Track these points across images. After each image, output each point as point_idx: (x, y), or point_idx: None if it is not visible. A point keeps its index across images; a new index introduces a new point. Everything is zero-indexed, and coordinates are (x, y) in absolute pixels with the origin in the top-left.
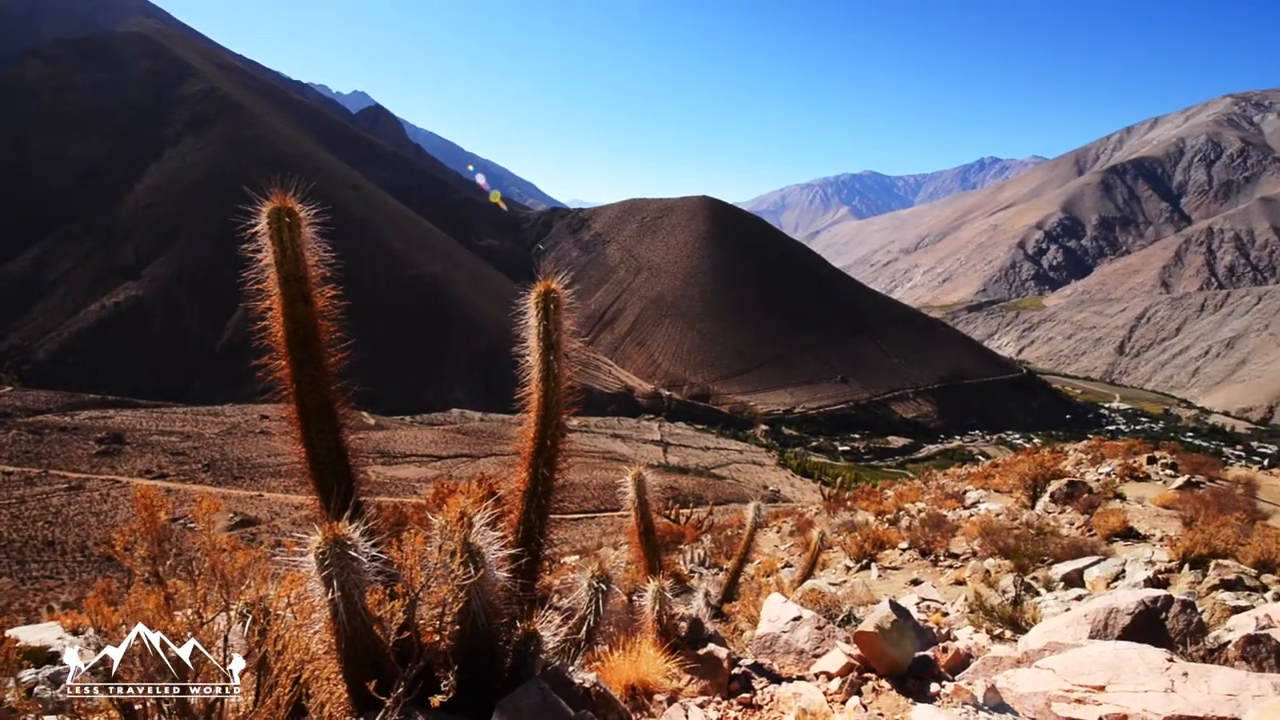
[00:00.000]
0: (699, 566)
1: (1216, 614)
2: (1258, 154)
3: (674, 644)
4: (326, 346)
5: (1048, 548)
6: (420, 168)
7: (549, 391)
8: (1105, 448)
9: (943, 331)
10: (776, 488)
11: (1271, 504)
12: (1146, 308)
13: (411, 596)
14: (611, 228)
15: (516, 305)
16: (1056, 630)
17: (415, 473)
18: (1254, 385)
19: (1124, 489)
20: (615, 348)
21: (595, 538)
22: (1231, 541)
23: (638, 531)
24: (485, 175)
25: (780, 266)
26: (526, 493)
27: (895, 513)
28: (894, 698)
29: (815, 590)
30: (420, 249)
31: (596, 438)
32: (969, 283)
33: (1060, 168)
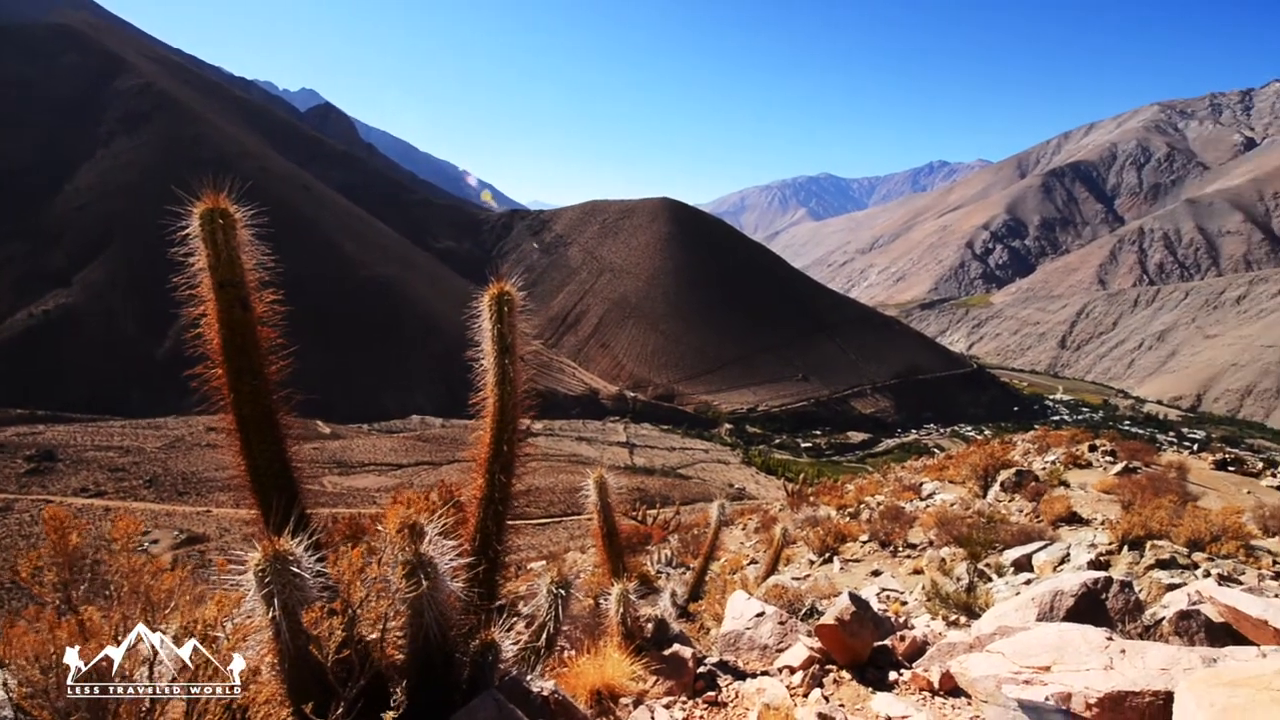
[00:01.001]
0: (666, 566)
1: (1153, 592)
2: (1182, 158)
3: (639, 646)
4: (267, 354)
5: (998, 535)
6: (373, 167)
7: (505, 395)
8: (1050, 437)
9: (898, 329)
10: (742, 486)
11: (1201, 486)
12: (1085, 304)
13: (350, 613)
14: (573, 229)
15: (470, 308)
16: (1006, 614)
17: (374, 482)
18: (1183, 375)
19: (1068, 476)
20: (579, 350)
21: (562, 542)
22: (1166, 523)
23: (601, 534)
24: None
25: (741, 267)
26: (483, 500)
27: (856, 506)
28: (854, 688)
29: (779, 586)
30: (374, 251)
31: (561, 441)
32: (921, 282)
33: (1004, 170)
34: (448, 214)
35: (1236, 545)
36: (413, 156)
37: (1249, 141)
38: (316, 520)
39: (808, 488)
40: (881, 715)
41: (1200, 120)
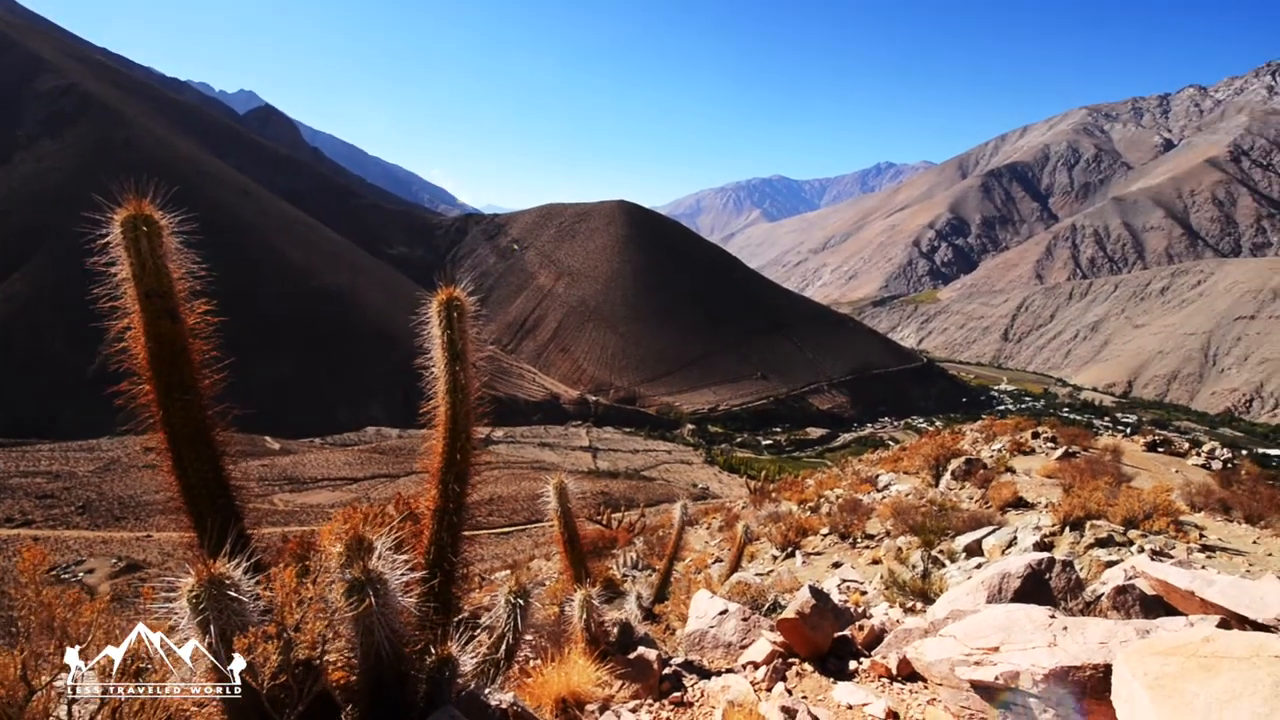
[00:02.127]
0: (632, 569)
1: (1093, 570)
2: (1109, 159)
3: (604, 651)
4: (199, 367)
5: (950, 522)
6: (319, 172)
7: (456, 404)
8: (996, 426)
9: (852, 327)
10: (705, 485)
11: (1134, 467)
12: (1025, 298)
13: (285, 637)
14: (529, 233)
15: (418, 315)
16: (959, 598)
17: (329, 498)
18: (1115, 363)
19: (1014, 462)
20: (539, 355)
21: (527, 550)
22: (1103, 503)
23: (563, 540)
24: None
25: (699, 268)
26: (437, 511)
27: (816, 501)
28: (816, 679)
29: (742, 582)
30: (323, 258)
31: (523, 448)
32: (872, 280)
33: (947, 171)
34: (400, 219)
35: (1167, 521)
36: (361, 160)
37: (1168, 143)
38: (266, 540)
39: (769, 484)
40: (842, 704)
41: (1124, 123)
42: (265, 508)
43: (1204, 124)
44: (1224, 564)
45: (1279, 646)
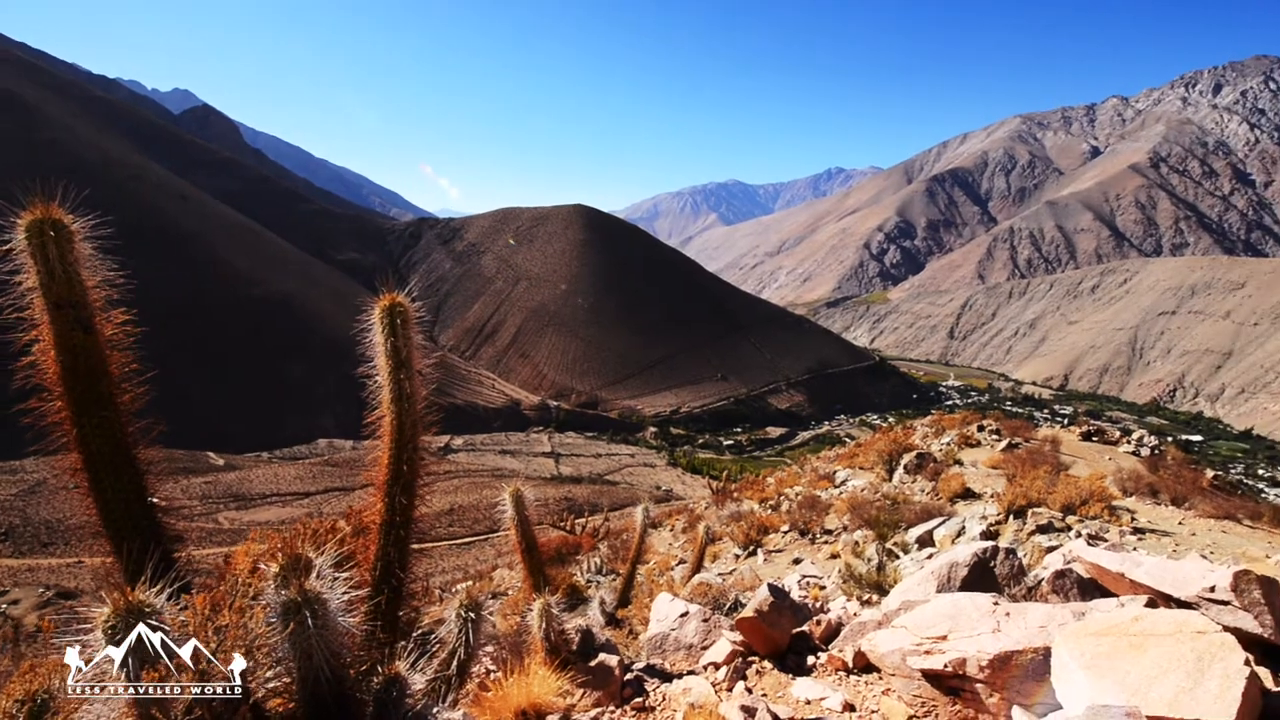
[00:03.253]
0: (596, 575)
1: (1035, 556)
2: (1042, 165)
3: (565, 659)
4: (118, 382)
5: (903, 515)
6: (263, 174)
7: (402, 413)
8: (945, 421)
9: (807, 327)
10: (669, 487)
11: (1071, 456)
12: (968, 297)
13: (199, 668)
14: (486, 237)
15: (360, 322)
16: (910, 589)
17: (278, 514)
18: (1052, 358)
19: (962, 455)
20: (498, 361)
21: (489, 560)
22: (1043, 492)
23: (521, 549)
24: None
25: (658, 272)
26: (383, 525)
27: (777, 499)
28: (776, 676)
29: (704, 583)
30: (268, 264)
31: (484, 455)
32: (826, 281)
33: (894, 176)
34: (350, 224)
35: (1102, 507)
36: (308, 163)
37: (1094, 150)
38: (210, 561)
39: (731, 484)
40: (801, 700)
41: (1054, 131)
42: (209, 527)
43: (1126, 132)
44: (1153, 545)
45: (1199, 622)
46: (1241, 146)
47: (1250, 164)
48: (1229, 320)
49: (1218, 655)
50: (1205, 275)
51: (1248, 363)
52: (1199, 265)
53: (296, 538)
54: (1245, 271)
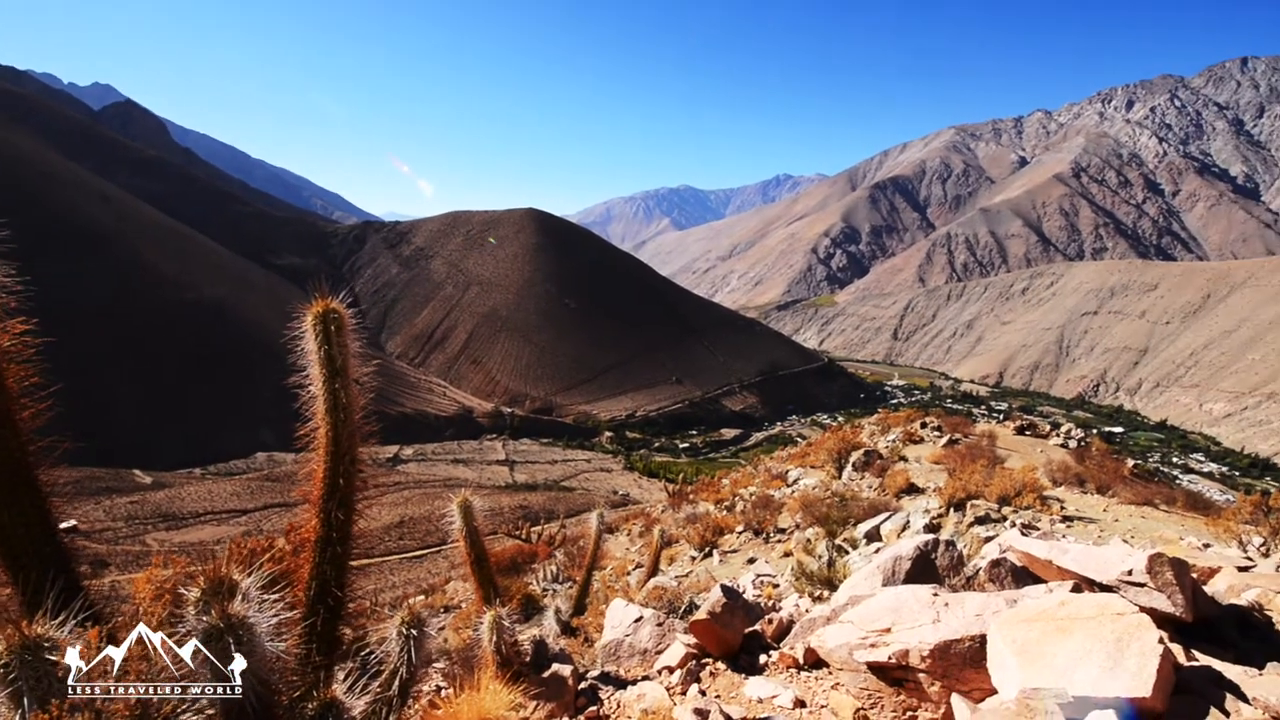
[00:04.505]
0: (553, 583)
1: (974, 546)
2: (975, 174)
3: (518, 672)
4: (16, 397)
5: (852, 511)
6: (193, 175)
7: (338, 424)
8: (890, 419)
9: (759, 330)
10: (626, 491)
11: (1006, 450)
12: (910, 300)
13: (95, 708)
14: (435, 241)
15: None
16: (858, 584)
17: (214, 533)
18: (988, 357)
19: (906, 451)
20: (449, 368)
21: (443, 572)
22: (981, 484)
23: (470, 560)
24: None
25: (612, 276)
26: (318, 541)
27: (732, 500)
28: (729, 677)
29: (659, 587)
30: (200, 269)
31: (435, 465)
32: (776, 285)
33: (838, 184)
34: (290, 227)
35: (1034, 497)
36: (243, 163)
37: (1022, 160)
38: (126, 589)
39: (687, 487)
40: (753, 699)
41: (986, 142)
42: (136, 549)
43: (1050, 144)
44: (1081, 532)
45: (1119, 605)
46: (1152, 158)
47: (1160, 175)
48: (1144, 319)
49: (1135, 635)
50: (1123, 278)
51: (1161, 359)
52: (1117, 269)
53: (222, 559)
54: (1158, 274)
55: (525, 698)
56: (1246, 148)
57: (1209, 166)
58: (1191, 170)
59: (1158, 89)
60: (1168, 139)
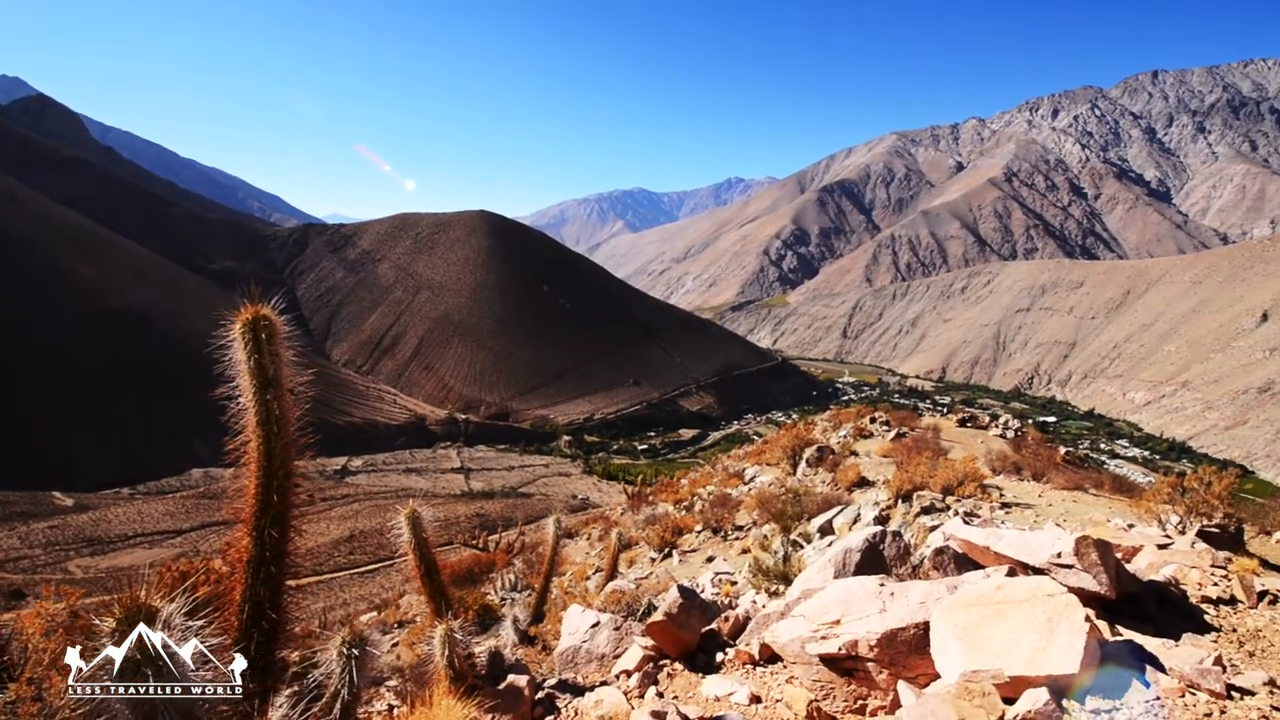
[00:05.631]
0: (511, 592)
1: (920, 536)
2: (916, 178)
3: (472, 685)
4: None
5: (805, 506)
6: (116, 175)
7: (271, 437)
8: (841, 415)
9: (714, 331)
10: (585, 495)
11: (950, 441)
12: (858, 299)
13: None
14: (382, 245)
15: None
16: (811, 578)
17: (145, 557)
18: (932, 353)
19: (857, 446)
20: (399, 375)
21: (396, 587)
22: (926, 475)
23: (420, 573)
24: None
25: (567, 279)
26: (251, 562)
27: (690, 499)
28: (687, 677)
29: (617, 590)
30: (125, 275)
31: (386, 476)
32: (730, 286)
33: (788, 186)
34: (224, 229)
35: (975, 486)
36: (172, 163)
37: (959, 165)
38: (58, 619)
39: (646, 488)
40: (710, 698)
41: (925, 147)
42: (58, 578)
43: (984, 150)
44: (1018, 517)
45: (1050, 586)
46: (1076, 164)
47: (1083, 179)
48: (1072, 315)
49: (1064, 615)
50: (1052, 276)
51: (1088, 351)
52: (1046, 268)
53: (139, 584)
54: (1083, 273)
55: (480, 711)
56: (1159, 154)
57: (1126, 171)
58: (1111, 175)
59: (1079, 99)
60: (1089, 146)
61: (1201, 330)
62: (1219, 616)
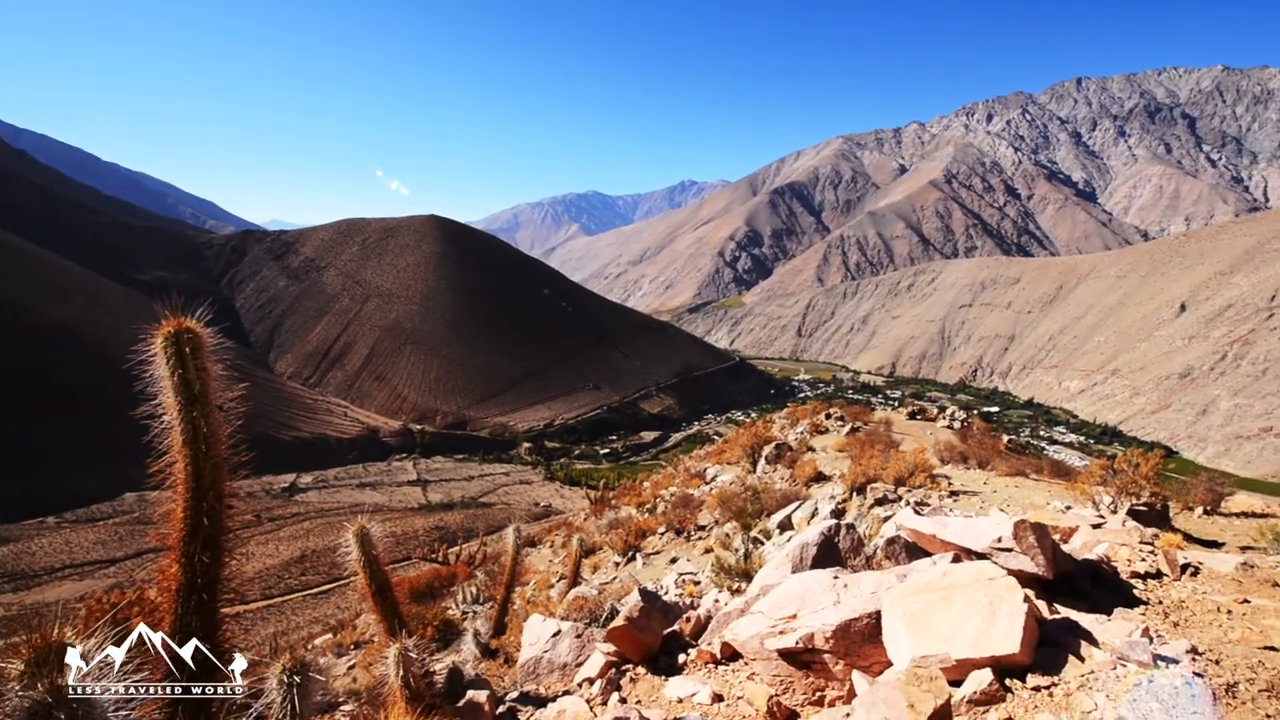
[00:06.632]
0: (473, 605)
1: (874, 527)
2: (862, 180)
3: (430, 704)
4: None
5: (765, 503)
6: (31, 182)
7: (199, 457)
8: (798, 412)
9: (672, 333)
10: (548, 502)
11: (901, 434)
12: (811, 299)
13: None
14: (326, 251)
15: (137, 352)
16: (769, 574)
17: (74, 589)
18: (882, 349)
19: (814, 442)
20: (349, 386)
21: (352, 606)
22: (879, 468)
23: (370, 592)
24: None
25: (522, 284)
26: (181, 590)
27: (653, 501)
28: (650, 680)
29: (580, 597)
30: (44, 289)
31: (338, 492)
32: (687, 288)
33: (740, 189)
34: (153, 238)
35: (925, 476)
36: (92, 167)
37: (902, 167)
38: None
39: (609, 493)
40: (673, 699)
41: (870, 150)
42: None
43: (925, 153)
44: (965, 504)
45: (991, 570)
46: (1010, 166)
47: (1017, 180)
48: (1010, 310)
49: (1004, 597)
50: (991, 273)
51: (1026, 344)
52: (986, 265)
53: (57, 620)
54: (1019, 269)
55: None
56: (1084, 156)
57: (1056, 173)
58: (1042, 176)
59: (1012, 104)
60: (1021, 149)
61: (1127, 321)
62: (1147, 590)
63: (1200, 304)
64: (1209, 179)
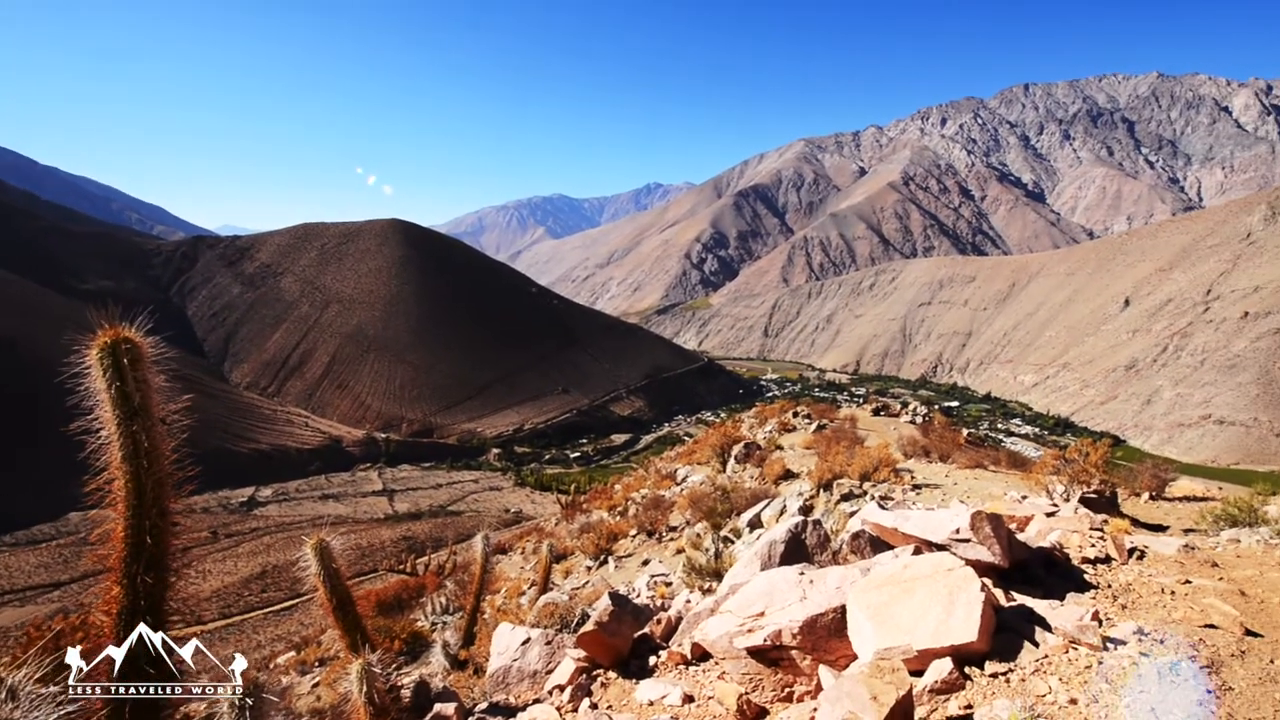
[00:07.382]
0: (443, 615)
1: (840, 522)
2: (824, 182)
3: (395, 719)
4: None
5: (734, 503)
6: None
7: (139, 473)
8: (766, 411)
9: (641, 335)
10: (518, 508)
11: (866, 430)
12: (776, 299)
13: None
14: (283, 257)
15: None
16: (739, 573)
17: (15, 616)
18: (846, 348)
19: (782, 440)
20: (309, 395)
21: (316, 622)
22: (845, 464)
23: (331, 607)
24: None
25: (488, 288)
26: (123, 613)
27: (624, 504)
28: (620, 684)
29: (550, 603)
30: None
31: (300, 504)
32: (654, 290)
33: (705, 192)
34: (96, 244)
35: (889, 470)
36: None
37: (862, 170)
38: None
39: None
40: (644, 702)
41: (831, 153)
42: None
43: (883, 156)
44: (928, 497)
45: (949, 561)
46: (963, 168)
47: (970, 182)
48: (967, 307)
49: (962, 587)
50: (948, 272)
51: (983, 340)
52: (943, 264)
53: None
54: (975, 268)
55: None
56: (1033, 159)
57: (1006, 175)
58: (994, 178)
59: (964, 109)
60: (974, 151)
61: (1076, 316)
62: (1097, 575)
63: (1143, 299)
64: (1148, 180)
